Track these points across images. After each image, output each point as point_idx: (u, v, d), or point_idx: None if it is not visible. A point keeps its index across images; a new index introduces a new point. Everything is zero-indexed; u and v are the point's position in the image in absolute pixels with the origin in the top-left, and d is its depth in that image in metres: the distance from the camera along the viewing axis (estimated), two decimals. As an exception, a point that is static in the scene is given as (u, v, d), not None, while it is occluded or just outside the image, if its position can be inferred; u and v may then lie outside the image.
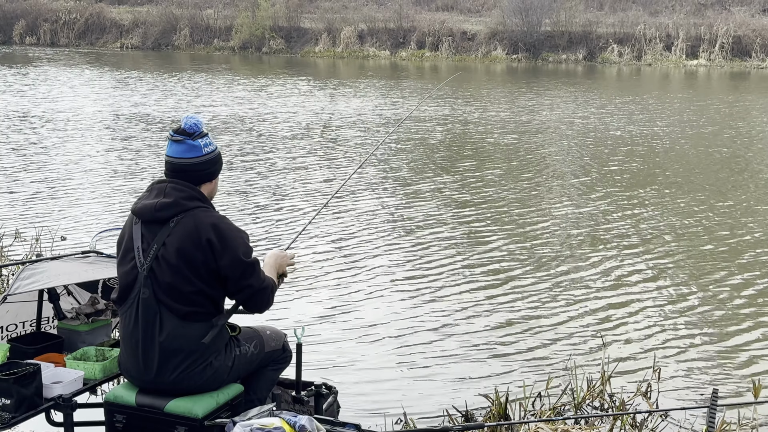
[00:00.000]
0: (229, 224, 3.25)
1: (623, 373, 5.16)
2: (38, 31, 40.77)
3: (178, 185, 3.23)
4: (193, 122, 3.28)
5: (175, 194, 3.21)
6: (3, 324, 4.02)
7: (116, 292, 3.30)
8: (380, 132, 15.11)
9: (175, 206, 3.19)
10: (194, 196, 3.24)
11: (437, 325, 6.01)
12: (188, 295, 3.15)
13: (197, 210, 3.20)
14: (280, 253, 3.61)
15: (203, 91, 21.82)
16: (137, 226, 3.25)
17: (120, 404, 3.24)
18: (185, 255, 3.13)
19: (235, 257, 3.16)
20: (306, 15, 38.99)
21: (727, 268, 7.43)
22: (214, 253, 3.15)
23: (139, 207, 3.26)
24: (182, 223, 3.17)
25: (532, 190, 10.60)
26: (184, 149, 3.25)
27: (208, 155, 3.29)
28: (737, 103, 20.89)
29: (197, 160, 3.26)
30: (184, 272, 3.14)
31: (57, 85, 22.83)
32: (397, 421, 4.48)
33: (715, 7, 35.74)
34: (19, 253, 7.40)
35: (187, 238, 3.14)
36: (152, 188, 3.29)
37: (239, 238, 3.23)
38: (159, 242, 3.17)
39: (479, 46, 35.20)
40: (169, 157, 3.28)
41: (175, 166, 3.26)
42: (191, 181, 3.26)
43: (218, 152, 3.37)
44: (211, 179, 3.34)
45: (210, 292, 3.20)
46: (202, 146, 3.27)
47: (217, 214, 3.27)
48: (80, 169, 11.50)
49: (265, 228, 8.58)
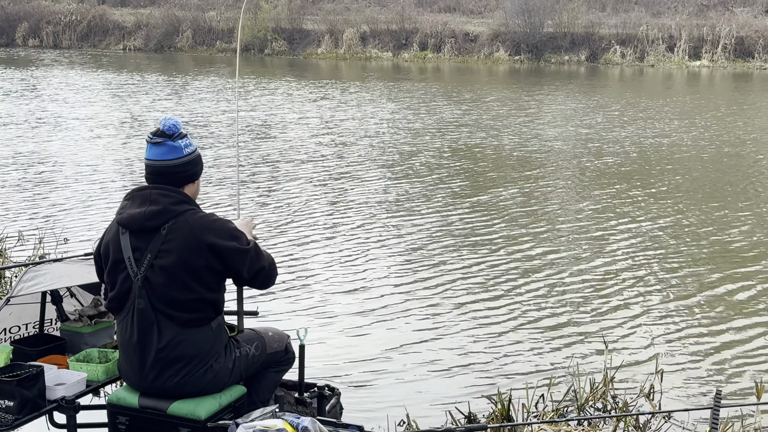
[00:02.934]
0: (220, 221, 3.20)
1: (626, 374, 5.15)
2: (41, 33, 40.84)
3: (163, 190, 3.17)
4: (171, 123, 3.22)
5: (163, 200, 3.14)
6: (6, 326, 4.03)
7: (110, 302, 3.24)
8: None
9: (165, 213, 3.12)
10: (182, 199, 3.18)
11: (440, 326, 6.01)
12: (186, 302, 3.12)
13: (188, 214, 3.14)
14: (246, 221, 3.55)
15: (206, 92, 21.84)
16: (125, 236, 3.17)
17: (123, 406, 3.24)
18: (186, 262, 3.09)
19: (240, 251, 3.15)
20: (308, 17, 39.01)
21: (731, 269, 7.42)
22: (219, 256, 3.12)
23: (126, 218, 3.17)
24: (176, 230, 3.10)
25: (534, 192, 10.59)
26: (165, 151, 3.19)
27: (189, 156, 3.24)
28: (740, 104, 20.86)
29: (178, 162, 3.21)
30: (183, 279, 3.09)
31: (60, 87, 22.85)
32: (400, 423, 4.48)
33: (717, 8, 35.70)
34: (22, 255, 7.40)
35: (186, 245, 3.09)
36: (134, 196, 3.21)
37: (233, 230, 3.19)
38: (153, 251, 3.11)
39: (482, 48, 35.19)
40: (149, 160, 3.22)
41: (156, 169, 3.20)
42: (173, 184, 3.20)
43: (198, 153, 3.31)
44: (193, 180, 3.28)
45: (210, 297, 3.16)
46: (182, 147, 3.22)
47: (207, 214, 3.21)
48: (83, 171, 11.50)
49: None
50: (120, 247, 3.18)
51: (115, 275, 3.19)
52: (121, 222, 3.19)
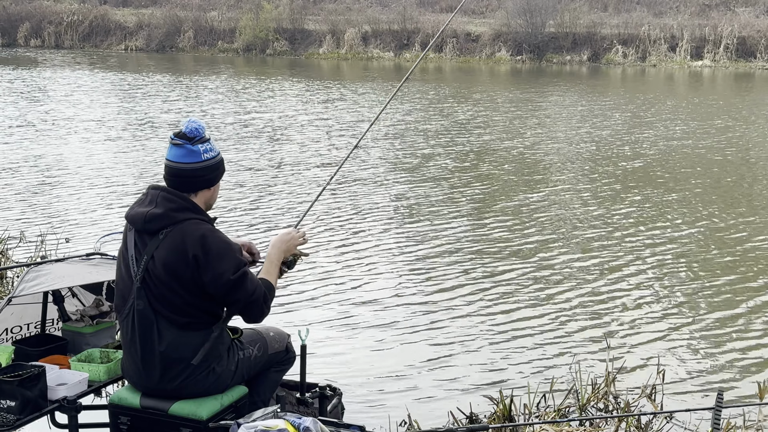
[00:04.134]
0: (218, 238, 3.14)
1: (628, 374, 5.15)
2: (42, 33, 40.87)
3: (169, 195, 3.16)
4: (194, 126, 3.20)
5: (166, 205, 3.13)
6: (8, 326, 4.03)
7: (115, 299, 3.28)
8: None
9: (164, 218, 3.12)
10: (185, 206, 3.15)
11: (442, 326, 6.01)
12: (182, 307, 3.12)
13: (186, 223, 3.12)
14: (286, 237, 3.48)
15: (208, 93, 21.84)
16: (131, 233, 3.20)
17: (124, 406, 3.24)
18: (172, 270, 3.08)
19: (218, 274, 3.07)
20: (310, 17, 39.03)
21: (733, 269, 7.42)
22: (200, 270, 3.07)
23: (131, 214, 3.20)
24: (171, 237, 3.10)
25: (534, 192, 10.58)
26: (183, 154, 3.18)
27: (208, 161, 3.21)
28: (743, 104, 20.83)
29: (195, 166, 3.18)
30: (173, 286, 3.09)
31: (62, 87, 22.86)
32: (401, 423, 4.48)
33: (719, 8, 35.68)
34: (24, 255, 7.41)
35: (174, 253, 3.08)
36: (147, 193, 3.22)
37: (226, 252, 3.11)
38: (148, 254, 3.12)
39: (483, 48, 35.20)
40: (168, 160, 3.21)
41: (173, 171, 3.19)
42: (188, 187, 3.19)
43: (219, 158, 3.27)
44: (210, 186, 3.25)
45: (202, 305, 3.15)
46: (201, 152, 3.19)
47: (207, 226, 3.16)
48: (85, 172, 11.50)
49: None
50: (126, 242, 3.23)
51: (120, 270, 3.23)
52: (127, 218, 3.24)
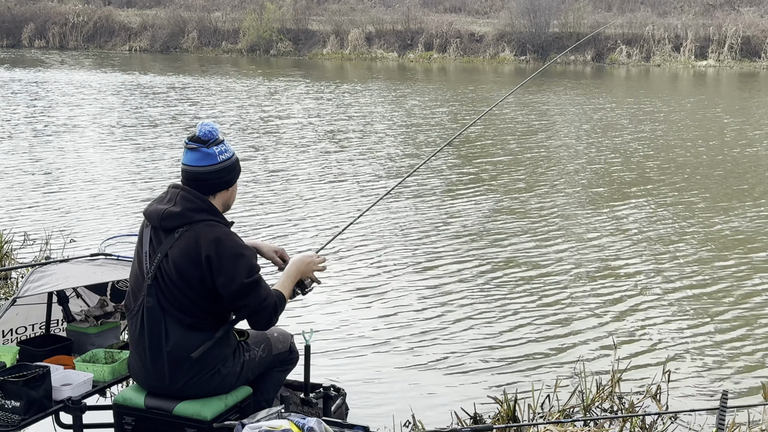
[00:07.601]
0: (232, 240, 3.15)
1: (632, 375, 5.14)
2: (47, 34, 40.93)
3: (188, 195, 3.18)
4: (207, 129, 3.21)
5: (183, 204, 3.15)
6: (13, 326, 4.04)
7: (126, 296, 3.30)
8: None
9: (180, 217, 3.14)
10: (202, 207, 3.17)
11: (446, 326, 6.00)
12: (190, 307, 3.13)
13: (202, 224, 3.14)
14: (306, 258, 3.50)
15: (212, 93, 21.86)
16: (147, 230, 3.23)
17: (129, 406, 3.25)
18: (182, 270, 3.10)
19: (231, 277, 3.09)
20: (313, 17, 39.04)
21: (737, 269, 7.40)
22: (212, 271, 3.08)
23: (149, 211, 3.23)
24: (185, 237, 3.11)
25: (539, 193, 10.57)
26: (199, 157, 3.18)
27: (223, 163, 3.22)
28: (748, 103, 20.79)
29: (211, 169, 3.19)
30: (183, 285, 3.11)
31: (67, 87, 22.90)
32: (405, 423, 4.48)
33: (723, 8, 35.61)
34: (28, 255, 7.42)
35: (186, 253, 3.09)
36: (168, 191, 3.25)
37: (240, 256, 3.13)
38: (162, 252, 3.13)
39: (487, 48, 35.17)
40: (184, 165, 3.22)
41: (190, 175, 3.20)
42: (206, 190, 3.20)
43: (235, 159, 3.28)
44: (227, 187, 3.26)
45: (210, 307, 3.16)
46: (216, 154, 3.20)
47: (223, 229, 3.17)
48: (89, 172, 11.52)
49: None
50: (142, 239, 3.25)
51: (134, 266, 3.25)
52: (145, 214, 3.27)
